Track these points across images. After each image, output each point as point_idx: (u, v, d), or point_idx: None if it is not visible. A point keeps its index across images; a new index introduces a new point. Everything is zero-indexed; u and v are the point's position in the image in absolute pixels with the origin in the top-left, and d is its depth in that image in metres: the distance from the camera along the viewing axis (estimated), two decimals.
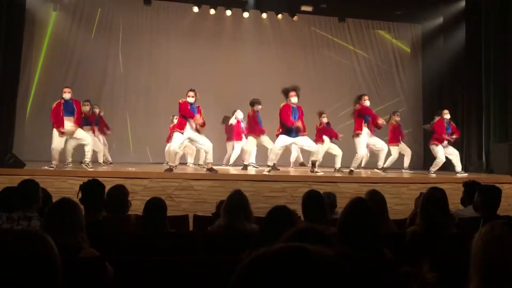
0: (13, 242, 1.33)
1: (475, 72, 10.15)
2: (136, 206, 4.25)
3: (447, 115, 8.63)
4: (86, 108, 8.51)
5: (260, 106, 8.85)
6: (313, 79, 11.88)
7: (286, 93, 7.36)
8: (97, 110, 9.23)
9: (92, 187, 3.30)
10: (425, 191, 3.50)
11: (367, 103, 7.95)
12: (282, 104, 7.40)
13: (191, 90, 7.28)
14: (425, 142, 10.51)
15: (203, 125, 7.19)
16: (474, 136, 10.28)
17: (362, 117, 7.93)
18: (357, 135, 7.93)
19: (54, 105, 7.45)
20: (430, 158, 9.47)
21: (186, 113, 7.16)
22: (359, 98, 8.05)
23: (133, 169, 7.64)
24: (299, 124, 7.18)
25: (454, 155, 8.59)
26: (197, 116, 7.15)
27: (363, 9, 11.53)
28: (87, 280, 2.15)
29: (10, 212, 2.94)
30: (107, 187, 3.61)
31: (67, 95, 7.42)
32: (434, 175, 8.41)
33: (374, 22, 12.39)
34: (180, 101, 7.27)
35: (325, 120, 9.20)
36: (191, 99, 7.19)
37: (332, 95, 11.58)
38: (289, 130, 7.27)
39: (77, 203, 2.54)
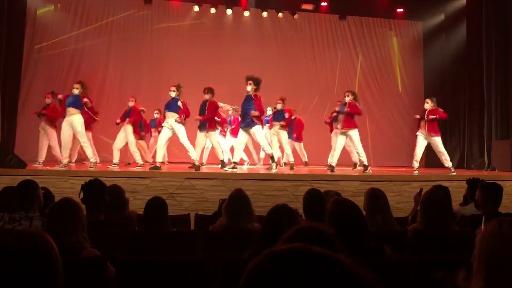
0: (14, 242, 1.33)
1: (476, 69, 10.13)
2: (138, 206, 4.26)
3: (426, 105, 8.45)
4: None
5: None
6: (314, 76, 11.86)
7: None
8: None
9: (93, 187, 3.29)
10: (428, 189, 3.48)
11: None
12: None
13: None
14: None
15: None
16: (475, 133, 10.27)
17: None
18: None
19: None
20: (432, 156, 9.42)
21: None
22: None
23: (135, 168, 7.65)
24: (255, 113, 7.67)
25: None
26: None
27: (363, 6, 11.51)
28: (89, 280, 2.15)
29: (12, 213, 2.94)
30: None
31: (75, 91, 7.55)
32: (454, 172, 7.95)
33: (375, 19, 12.36)
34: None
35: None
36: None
37: (333, 93, 11.55)
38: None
39: (78, 203, 2.54)
